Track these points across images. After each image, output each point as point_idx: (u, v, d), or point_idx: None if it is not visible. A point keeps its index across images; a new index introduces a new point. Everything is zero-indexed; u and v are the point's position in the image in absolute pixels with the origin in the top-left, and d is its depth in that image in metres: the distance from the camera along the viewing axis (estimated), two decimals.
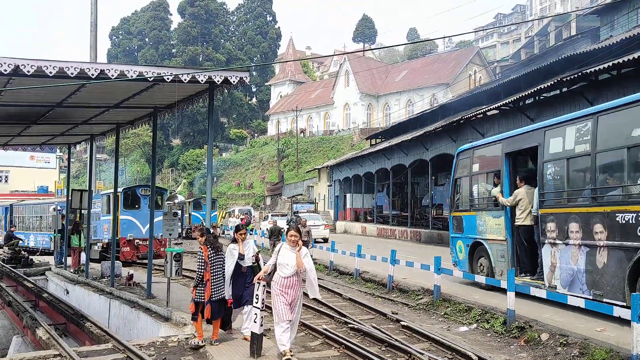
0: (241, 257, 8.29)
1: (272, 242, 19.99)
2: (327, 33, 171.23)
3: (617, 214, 7.93)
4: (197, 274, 8.14)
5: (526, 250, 10.55)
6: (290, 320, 7.12)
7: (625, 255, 7.76)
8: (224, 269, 8.33)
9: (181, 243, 28.60)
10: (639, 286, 7.48)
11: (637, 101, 7.77)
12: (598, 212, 8.34)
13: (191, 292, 8.50)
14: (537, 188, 9.93)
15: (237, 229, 8.54)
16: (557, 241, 9.24)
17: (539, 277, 9.92)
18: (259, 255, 8.57)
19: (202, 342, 8.16)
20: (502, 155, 11.11)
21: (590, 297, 8.32)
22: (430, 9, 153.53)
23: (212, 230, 8.98)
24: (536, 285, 9.57)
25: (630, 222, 7.65)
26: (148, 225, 19.26)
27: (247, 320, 8.30)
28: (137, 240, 21.71)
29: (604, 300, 8.01)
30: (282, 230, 27.84)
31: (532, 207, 10.17)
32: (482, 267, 11.74)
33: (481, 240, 11.79)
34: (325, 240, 27.23)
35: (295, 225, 7.39)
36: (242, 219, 34.41)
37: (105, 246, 21.89)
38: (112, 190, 22.93)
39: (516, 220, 10.55)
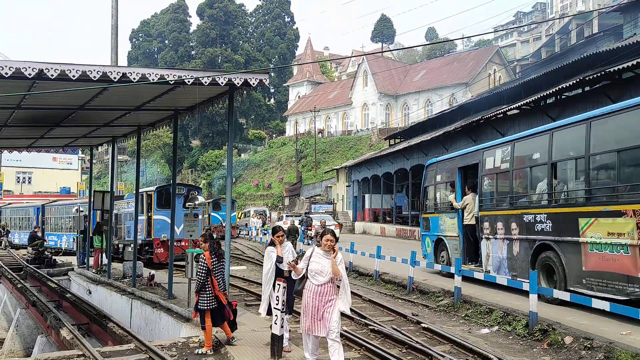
0: (279, 259, 7.90)
1: (290, 241, 20.32)
2: (346, 33, 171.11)
3: (524, 215, 10.67)
4: (198, 280, 8.13)
5: (471, 244, 13.11)
6: (317, 335, 6.53)
7: (529, 245, 10.47)
8: (224, 275, 8.44)
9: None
10: (537, 267, 10.01)
11: (538, 133, 10.72)
12: (513, 214, 11.12)
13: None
14: (477, 195, 12.64)
15: (274, 231, 8.09)
16: (490, 236, 11.89)
17: (480, 265, 12.44)
18: (299, 261, 8.04)
19: (210, 351, 8.12)
20: (456, 169, 13.78)
21: (509, 277, 10.85)
22: (449, 9, 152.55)
23: (215, 235, 8.96)
24: (478, 270, 11.99)
25: (532, 221, 10.40)
26: (183, 225, 19.30)
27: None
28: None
29: (517, 279, 10.40)
30: (303, 229, 28.22)
31: (475, 210, 12.77)
32: (442, 258, 14.38)
33: (442, 237, 14.43)
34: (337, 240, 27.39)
35: (330, 229, 6.75)
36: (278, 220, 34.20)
37: (139, 247, 21.28)
38: (147, 189, 22.45)
39: (464, 220, 13.13)
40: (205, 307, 8.08)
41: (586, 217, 8.94)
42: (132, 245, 21.44)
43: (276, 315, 7.46)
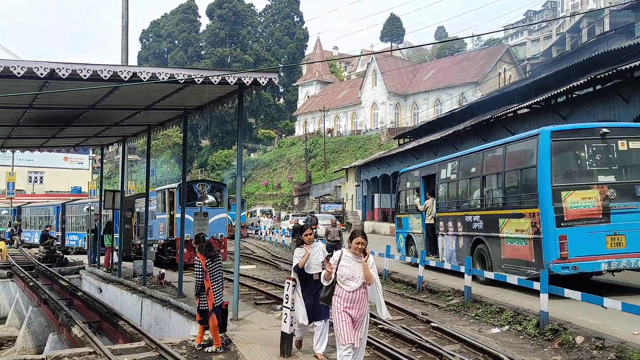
0: (296, 268, 7.53)
1: (295, 240, 21.65)
2: (355, 33, 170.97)
3: (465, 217, 13.30)
4: (197, 282, 8.34)
5: (432, 239, 15.49)
6: (353, 344, 5.94)
7: (469, 239, 13.08)
8: (221, 275, 8.43)
9: None
10: (474, 256, 12.46)
11: (474, 152, 13.70)
12: (459, 215, 13.67)
13: (196, 300, 8.66)
14: (435, 200, 15.20)
15: (302, 229, 7.66)
16: (444, 233, 14.47)
17: (437, 257, 14.83)
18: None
19: (220, 349, 8.21)
20: (420, 177, 16.45)
21: (457, 264, 12.89)
22: (459, 8, 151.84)
23: (206, 238, 8.96)
24: (435, 260, 14.19)
25: (470, 221, 13.07)
26: (208, 224, 18.21)
27: (320, 340, 7.41)
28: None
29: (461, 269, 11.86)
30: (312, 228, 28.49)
31: (433, 212, 15.24)
32: (412, 251, 16.73)
33: (411, 234, 16.98)
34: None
35: (361, 230, 6.13)
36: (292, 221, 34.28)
37: (161, 247, 20.57)
38: (169, 186, 21.41)
39: (426, 220, 15.60)
40: (207, 308, 8.26)
41: (503, 218, 11.70)
42: (154, 245, 20.71)
43: (285, 314, 7.47)
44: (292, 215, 40.01)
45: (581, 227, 10.10)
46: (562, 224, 10.09)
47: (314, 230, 7.41)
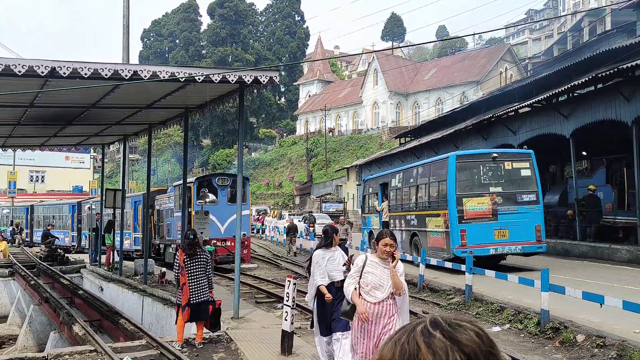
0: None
1: (289, 238, 24.07)
2: (356, 32, 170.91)
3: (407, 216, 17.05)
4: (175, 277, 8.51)
5: None
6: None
7: (409, 233, 16.69)
8: (203, 273, 8.34)
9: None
10: (412, 246, 16.02)
11: (412, 166, 17.86)
12: (403, 215, 17.39)
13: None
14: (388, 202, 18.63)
15: (333, 232, 6.80)
16: (395, 228, 17.30)
17: None
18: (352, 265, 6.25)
19: (180, 345, 8.24)
20: (379, 184, 20.22)
21: (401, 253, 14.07)
22: (460, 7, 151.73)
23: (191, 236, 8.66)
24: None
25: (409, 219, 16.80)
26: (229, 222, 17.38)
27: (339, 352, 6.40)
28: (215, 241, 17.76)
29: (405, 254, 15.61)
30: (306, 226, 29.12)
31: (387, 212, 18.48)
32: (374, 245, 18.04)
33: (372, 229, 20.10)
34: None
35: (389, 230, 5.39)
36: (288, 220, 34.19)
37: (178, 247, 19.50)
38: (189, 180, 18.95)
39: (383, 218, 18.81)
40: (179, 303, 8.40)
41: (428, 217, 15.42)
42: (172, 246, 19.15)
43: (286, 312, 7.48)
44: (288, 215, 40.25)
45: (476, 224, 13.79)
46: (463, 221, 13.75)
47: (311, 229, 6.75)
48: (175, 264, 8.47)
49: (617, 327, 7.94)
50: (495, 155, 14.60)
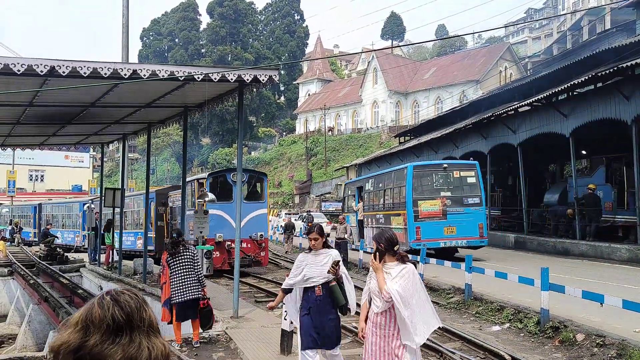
0: (286, 291, 5.96)
1: (287, 235, 25.19)
2: (355, 31, 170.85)
3: (376, 215, 19.83)
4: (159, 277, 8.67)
5: (361, 230, 21.32)
6: None
7: (376, 230, 18.17)
8: (187, 271, 8.12)
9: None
10: None
11: (381, 173, 20.91)
12: (373, 214, 20.21)
13: None
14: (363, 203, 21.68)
15: (309, 231, 6.01)
16: (367, 226, 20.38)
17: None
18: (340, 270, 5.54)
19: (179, 345, 8.21)
20: (356, 188, 23.61)
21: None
22: (460, 6, 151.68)
23: (174, 235, 8.66)
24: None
25: (378, 218, 19.52)
26: (246, 221, 16.11)
27: None
28: (229, 243, 15.84)
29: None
30: (305, 225, 29.70)
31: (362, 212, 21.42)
32: (351, 239, 21.59)
33: (351, 227, 22.43)
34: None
35: (389, 232, 4.94)
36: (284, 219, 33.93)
37: None
38: (198, 177, 18.10)
39: (359, 217, 21.96)
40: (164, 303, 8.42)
41: (392, 215, 18.14)
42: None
43: (285, 311, 7.47)
44: (285, 214, 40.37)
45: (429, 222, 16.51)
46: (418, 220, 16.51)
47: (319, 233, 5.63)
48: (161, 264, 8.61)
49: (617, 326, 7.94)
50: (445, 165, 17.74)
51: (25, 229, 37.00)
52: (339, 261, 5.54)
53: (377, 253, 4.67)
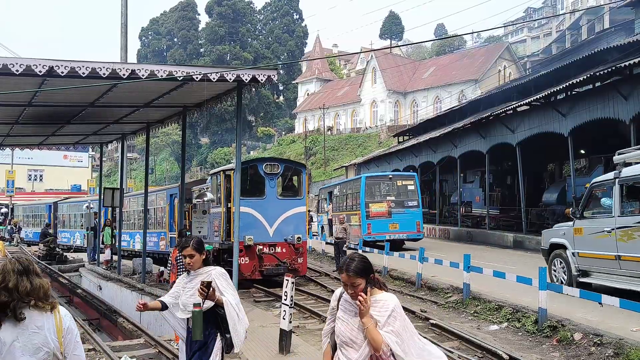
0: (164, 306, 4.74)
1: None
2: (354, 30, 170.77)
3: (340, 215, 22.40)
4: (167, 275, 8.62)
5: (330, 228, 23.99)
6: None
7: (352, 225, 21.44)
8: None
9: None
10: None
11: (346, 181, 26.80)
12: (339, 213, 23.02)
13: None
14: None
15: (182, 247, 4.66)
16: (334, 224, 21.15)
17: (310, 237, 23.36)
18: (216, 293, 4.37)
19: (177, 345, 8.27)
20: (327, 192, 27.13)
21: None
22: (459, 5, 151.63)
23: (188, 232, 9.04)
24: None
25: (343, 217, 21.31)
26: (280, 222, 14.04)
27: None
28: (261, 247, 13.65)
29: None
30: None
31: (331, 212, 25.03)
32: (325, 234, 25.51)
33: (323, 225, 26.58)
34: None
35: (358, 257, 3.38)
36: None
37: (216, 254, 14.20)
38: (224, 168, 15.23)
39: (329, 216, 25.15)
40: None
41: (352, 215, 21.80)
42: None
43: (284, 311, 7.49)
44: None
45: (378, 220, 20.40)
46: (369, 218, 20.47)
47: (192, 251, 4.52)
48: (168, 262, 8.55)
49: (615, 325, 7.96)
50: (391, 176, 22.71)
51: (37, 229, 34.46)
52: (210, 282, 4.27)
53: (359, 295, 3.23)
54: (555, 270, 10.92)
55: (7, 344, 2.75)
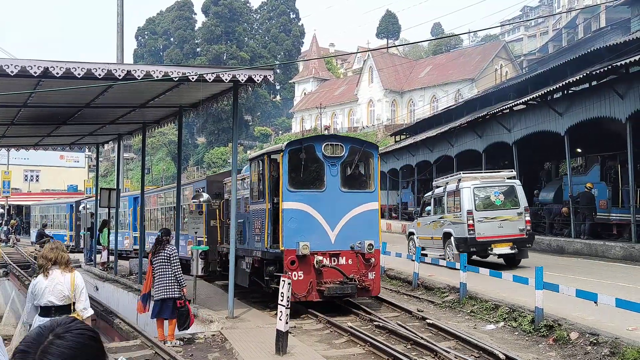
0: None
1: None
2: (351, 30, 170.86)
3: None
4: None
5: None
6: None
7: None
8: (163, 271, 8.69)
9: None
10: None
11: None
12: None
13: None
14: None
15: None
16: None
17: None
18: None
19: (171, 343, 8.55)
20: None
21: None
22: (455, 4, 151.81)
23: (159, 233, 9.51)
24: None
25: None
26: (344, 223, 10.55)
27: None
28: (320, 257, 10.21)
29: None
30: None
31: None
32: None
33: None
34: None
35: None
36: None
37: (257, 264, 11.26)
38: (270, 149, 11.32)
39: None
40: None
41: None
42: (246, 260, 11.88)
43: (281, 312, 7.49)
44: None
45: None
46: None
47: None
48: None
49: (611, 324, 7.98)
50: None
51: (57, 231, 32.27)
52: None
53: None
54: (411, 247, 17.38)
55: (42, 288, 5.18)
